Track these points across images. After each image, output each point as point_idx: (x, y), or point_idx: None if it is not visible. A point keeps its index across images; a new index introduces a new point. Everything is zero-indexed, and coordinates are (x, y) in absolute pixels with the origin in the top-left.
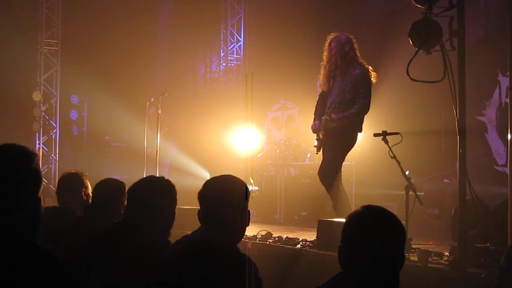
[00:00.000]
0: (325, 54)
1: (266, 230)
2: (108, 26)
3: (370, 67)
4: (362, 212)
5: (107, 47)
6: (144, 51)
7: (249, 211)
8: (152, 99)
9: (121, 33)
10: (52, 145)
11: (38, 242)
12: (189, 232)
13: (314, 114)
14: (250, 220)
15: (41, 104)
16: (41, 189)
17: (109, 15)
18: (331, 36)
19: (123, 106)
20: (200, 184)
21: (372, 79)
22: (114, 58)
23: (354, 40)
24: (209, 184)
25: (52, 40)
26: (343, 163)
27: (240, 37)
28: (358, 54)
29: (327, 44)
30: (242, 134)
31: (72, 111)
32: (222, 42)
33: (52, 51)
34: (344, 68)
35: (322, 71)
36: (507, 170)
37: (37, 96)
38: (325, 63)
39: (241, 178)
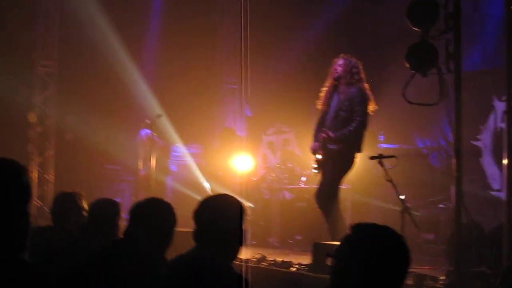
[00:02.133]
0: (330, 71)
1: (261, 254)
2: (104, 47)
3: (370, 94)
4: (354, 230)
5: (103, 68)
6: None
7: (244, 230)
8: (147, 121)
9: (117, 54)
10: (48, 167)
11: (26, 258)
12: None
13: (314, 135)
14: (245, 243)
15: (37, 125)
16: (30, 203)
17: (105, 36)
18: (341, 55)
19: (119, 128)
20: None
21: (369, 100)
22: (110, 79)
23: (362, 68)
24: (203, 203)
25: (48, 61)
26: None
27: (236, 61)
28: (364, 81)
29: (334, 60)
30: (237, 158)
31: (67, 132)
32: (217, 66)
33: (48, 72)
34: (345, 88)
35: (324, 89)
36: (502, 195)
37: (32, 117)
38: (328, 80)
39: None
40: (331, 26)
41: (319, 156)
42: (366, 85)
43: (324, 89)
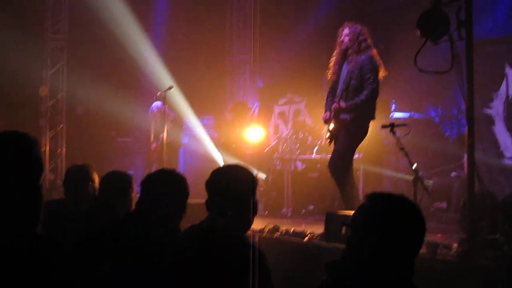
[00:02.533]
0: (337, 41)
1: (274, 224)
2: (113, 19)
3: (379, 60)
4: (370, 199)
5: (113, 41)
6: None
7: (256, 200)
8: (158, 94)
9: (127, 26)
10: (59, 140)
11: (40, 231)
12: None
13: (325, 105)
14: (258, 213)
15: (48, 99)
16: (42, 176)
17: (114, 8)
18: (346, 23)
19: (130, 101)
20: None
21: (380, 67)
22: (120, 52)
23: (369, 33)
24: (216, 173)
25: (58, 35)
26: None
27: (247, 32)
28: (372, 47)
29: (340, 30)
30: (250, 130)
31: (79, 106)
32: (228, 36)
33: (59, 46)
34: (354, 56)
35: (332, 59)
36: None
37: (44, 91)
38: (336, 50)
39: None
40: None
41: (332, 126)
42: (375, 51)
43: (333, 59)
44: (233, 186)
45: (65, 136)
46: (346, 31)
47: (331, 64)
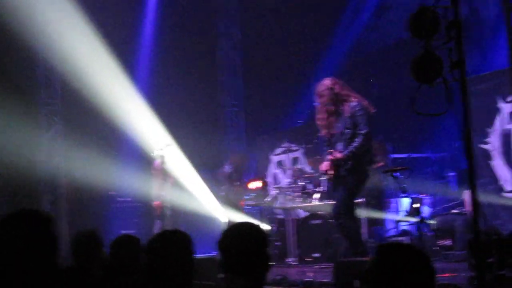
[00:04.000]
0: (318, 106)
1: (281, 275)
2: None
3: (365, 101)
4: (379, 251)
5: (105, 104)
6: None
7: (270, 256)
8: (156, 152)
9: (118, 86)
10: (60, 206)
11: None
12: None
13: (323, 156)
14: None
15: (45, 164)
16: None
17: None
18: (316, 88)
19: (127, 161)
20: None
21: (369, 109)
22: (112, 114)
23: (337, 81)
24: (228, 232)
25: (52, 100)
26: None
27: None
28: (353, 92)
29: (316, 97)
30: (250, 182)
31: (76, 170)
32: (219, 89)
33: (53, 110)
34: (341, 108)
35: (319, 117)
36: None
37: (41, 156)
38: (321, 114)
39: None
40: None
41: (331, 173)
42: (357, 95)
43: (320, 117)
44: (247, 245)
45: (65, 199)
46: (320, 93)
47: (320, 123)
